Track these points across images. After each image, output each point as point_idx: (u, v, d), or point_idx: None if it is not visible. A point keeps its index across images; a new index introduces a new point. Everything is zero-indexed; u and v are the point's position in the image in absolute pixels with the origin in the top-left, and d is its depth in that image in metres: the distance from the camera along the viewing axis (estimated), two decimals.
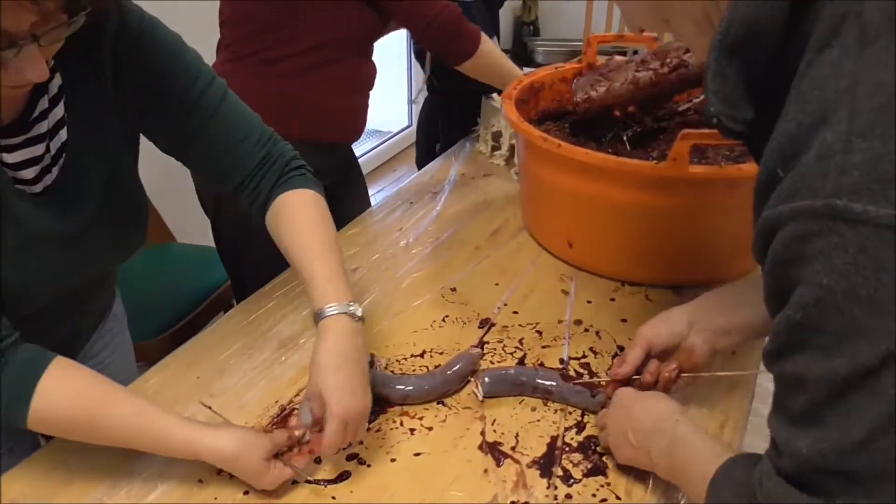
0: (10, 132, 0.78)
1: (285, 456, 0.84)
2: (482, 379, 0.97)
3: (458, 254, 1.34)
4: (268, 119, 1.40)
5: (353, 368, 0.84)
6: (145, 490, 0.83)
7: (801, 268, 0.49)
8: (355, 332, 0.86)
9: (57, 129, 0.83)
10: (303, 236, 0.93)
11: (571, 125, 1.40)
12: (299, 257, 0.92)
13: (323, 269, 0.89)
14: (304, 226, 0.94)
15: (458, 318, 1.16)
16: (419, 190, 1.59)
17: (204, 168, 0.98)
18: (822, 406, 0.50)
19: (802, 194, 0.49)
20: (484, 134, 1.75)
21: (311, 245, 0.92)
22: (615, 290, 1.24)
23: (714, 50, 0.58)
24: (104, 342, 1.11)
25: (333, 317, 0.85)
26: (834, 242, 0.47)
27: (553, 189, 1.26)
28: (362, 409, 0.84)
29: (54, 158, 0.83)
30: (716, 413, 0.97)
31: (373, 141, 3.89)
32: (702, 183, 1.09)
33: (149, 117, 0.91)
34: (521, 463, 0.89)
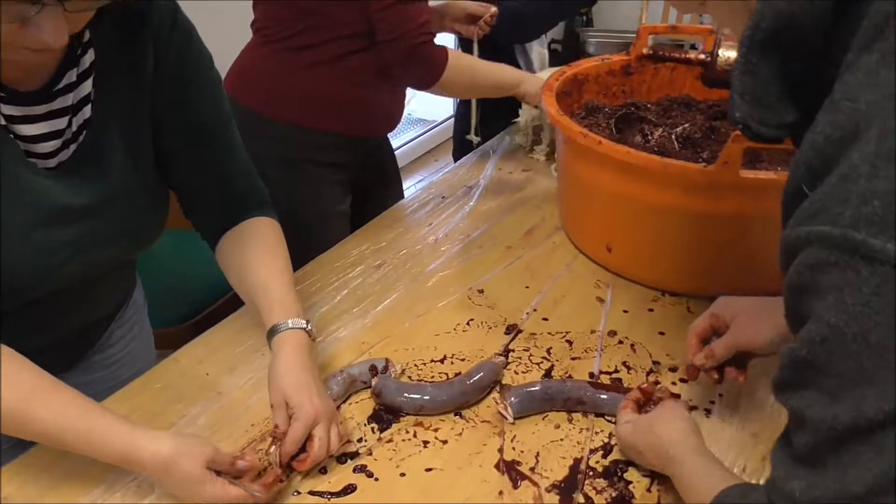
0: (32, 101, 0.76)
1: (245, 478, 0.78)
2: (510, 399, 0.90)
3: (488, 253, 1.28)
4: (294, 110, 1.37)
5: (312, 376, 0.84)
6: (141, 493, 0.80)
7: (813, 299, 0.47)
8: (310, 346, 0.88)
9: (81, 105, 0.81)
10: (257, 259, 0.93)
11: (618, 121, 1.31)
12: (253, 277, 0.92)
13: (277, 289, 0.91)
14: (259, 249, 0.95)
15: (484, 322, 1.09)
16: (453, 184, 1.52)
17: (186, 183, 0.96)
18: (821, 450, 0.48)
19: (822, 218, 0.45)
20: (524, 127, 1.68)
21: (265, 266, 0.93)
22: (654, 299, 1.15)
23: (743, 46, 0.52)
24: (123, 331, 1.09)
25: (290, 332, 0.87)
26: (848, 279, 0.44)
27: (593, 189, 1.18)
28: (329, 409, 0.82)
29: (75, 135, 0.81)
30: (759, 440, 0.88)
31: (415, 130, 3.84)
32: (754, 189, 1.00)
33: (168, 116, 0.89)
34: (540, 486, 0.82)
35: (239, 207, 0.98)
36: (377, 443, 0.87)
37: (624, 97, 1.45)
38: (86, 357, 1.04)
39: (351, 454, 0.86)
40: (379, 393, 0.92)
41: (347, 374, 0.94)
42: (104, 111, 0.82)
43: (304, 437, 0.79)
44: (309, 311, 1.10)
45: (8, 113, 0.75)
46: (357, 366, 0.96)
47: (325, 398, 0.82)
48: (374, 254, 1.26)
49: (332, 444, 0.81)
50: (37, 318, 0.89)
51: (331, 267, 1.22)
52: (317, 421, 0.80)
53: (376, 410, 0.92)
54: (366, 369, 0.95)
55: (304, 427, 0.79)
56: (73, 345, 1.01)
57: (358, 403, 0.93)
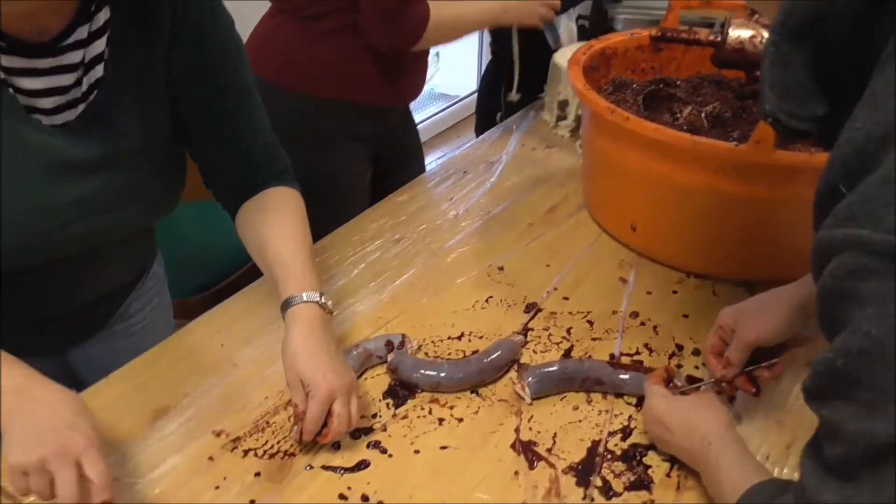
0: (36, 53, 0.74)
1: None
2: (527, 380, 0.89)
3: (509, 230, 1.25)
4: (310, 79, 1.35)
5: (326, 351, 0.81)
6: (154, 462, 0.79)
7: (850, 307, 0.44)
8: (325, 321, 0.85)
9: (94, 63, 0.79)
10: (274, 230, 0.91)
11: (646, 97, 1.27)
12: (270, 248, 0.89)
13: (293, 261, 0.88)
14: (278, 219, 0.92)
15: (503, 300, 1.07)
16: (475, 159, 1.49)
17: (206, 153, 0.94)
18: (856, 465, 0.46)
19: (861, 221, 0.43)
20: (549, 102, 1.64)
21: (282, 238, 0.90)
22: (679, 281, 1.13)
23: (774, 34, 0.49)
24: (142, 302, 1.08)
25: (303, 305, 0.84)
26: (890, 288, 0.41)
27: (619, 166, 1.15)
28: (345, 384, 0.80)
29: (84, 94, 0.79)
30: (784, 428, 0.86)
31: (438, 104, 3.80)
32: (786, 171, 0.97)
33: (186, 84, 0.87)
34: (557, 468, 0.81)
35: (259, 177, 0.95)
36: (392, 419, 0.86)
37: (653, 73, 1.41)
38: (106, 326, 1.04)
39: (365, 429, 0.84)
40: (395, 369, 0.90)
41: (363, 348, 0.92)
42: (117, 72, 0.80)
43: (323, 414, 0.78)
44: (326, 284, 1.09)
45: (8, 65, 0.72)
46: (373, 340, 0.94)
47: (340, 372, 0.80)
48: (393, 228, 1.25)
49: (353, 417, 0.80)
50: (51, 285, 0.89)
51: (349, 240, 1.21)
52: (333, 397, 0.78)
53: (392, 386, 0.91)
54: (382, 344, 0.93)
55: (321, 405, 0.77)
56: (90, 313, 1.00)
57: (373, 379, 0.92)
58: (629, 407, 0.89)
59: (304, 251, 0.90)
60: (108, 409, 0.85)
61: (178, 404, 0.86)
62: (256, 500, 0.75)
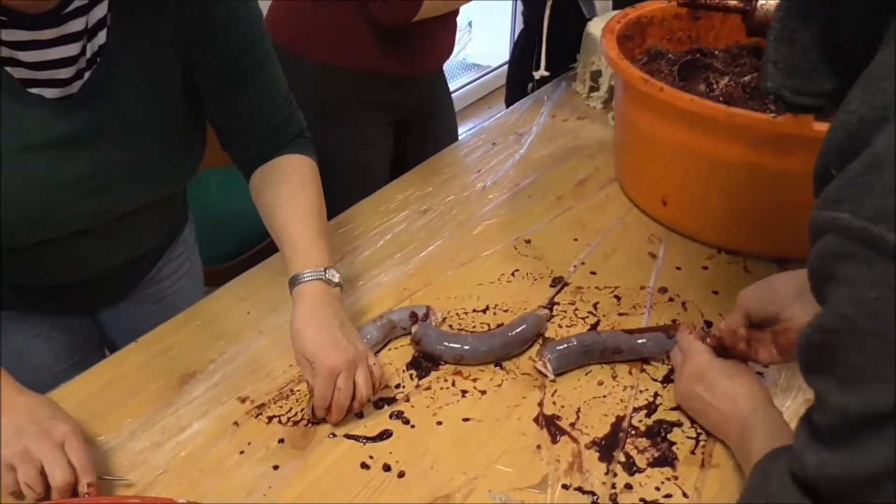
0: (39, 25, 0.72)
1: None
2: (547, 357, 0.88)
3: (537, 202, 1.24)
4: (322, 47, 1.32)
5: (328, 327, 0.80)
6: (181, 426, 0.80)
7: (829, 287, 0.46)
8: (332, 297, 0.84)
9: (96, 30, 0.76)
10: (282, 199, 0.89)
11: (681, 67, 1.24)
12: (277, 219, 0.88)
13: (299, 234, 0.86)
14: (285, 188, 0.90)
15: (529, 273, 1.06)
16: (504, 130, 1.47)
17: (221, 118, 0.93)
18: (835, 433, 0.48)
19: (845, 205, 0.44)
20: (582, 73, 1.61)
21: (288, 210, 0.88)
22: (709, 257, 1.10)
23: (781, 10, 0.49)
24: (172, 267, 1.10)
25: (309, 283, 0.83)
26: (865, 273, 0.43)
27: (651, 138, 1.13)
28: (349, 358, 0.79)
29: (89, 62, 0.77)
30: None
31: (469, 75, 3.75)
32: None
33: (196, 51, 0.85)
34: (580, 442, 0.80)
35: (273, 142, 0.94)
36: (415, 390, 0.86)
37: (689, 43, 1.37)
38: (136, 290, 1.06)
39: (388, 399, 0.85)
40: (419, 340, 0.90)
41: (387, 319, 0.92)
42: (120, 38, 0.78)
43: (329, 390, 0.78)
44: (350, 255, 1.09)
45: (11, 38, 0.70)
46: (397, 312, 0.94)
47: (342, 347, 0.79)
48: (419, 199, 1.24)
49: (360, 390, 0.79)
50: (76, 253, 0.89)
51: (375, 211, 1.20)
52: (336, 372, 0.77)
53: (415, 357, 0.91)
54: (406, 316, 0.93)
55: (326, 382, 0.77)
56: (119, 277, 1.02)
57: (397, 350, 0.92)
58: (655, 383, 0.88)
59: (312, 222, 0.88)
60: (136, 373, 0.87)
61: (204, 370, 0.87)
62: (280, 466, 0.76)
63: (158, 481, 0.74)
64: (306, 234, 0.86)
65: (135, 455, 0.77)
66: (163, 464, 0.76)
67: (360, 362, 0.80)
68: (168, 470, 0.75)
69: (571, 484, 0.76)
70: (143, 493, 0.73)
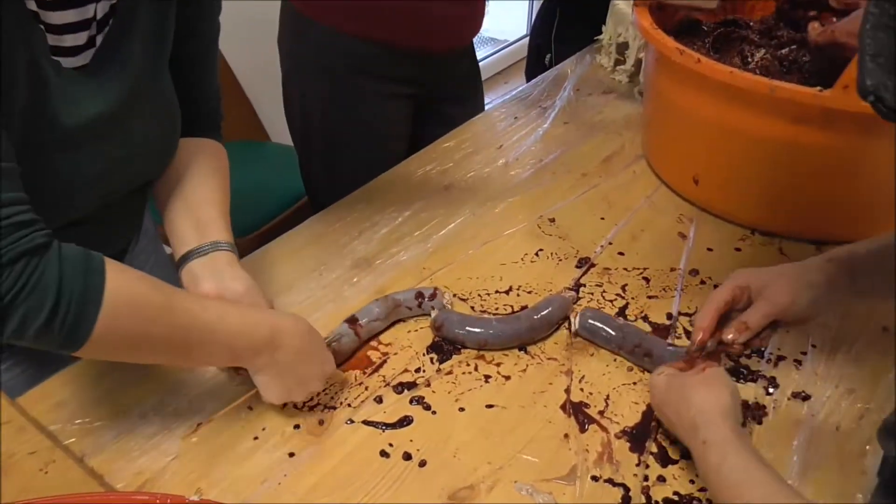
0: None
1: None
2: (587, 314, 0.86)
3: (561, 180, 1.19)
4: (335, 12, 1.25)
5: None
6: (193, 409, 0.77)
7: None
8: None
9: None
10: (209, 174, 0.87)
11: (715, 40, 1.18)
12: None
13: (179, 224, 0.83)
14: (217, 167, 0.88)
15: (554, 253, 1.02)
16: (527, 104, 1.42)
17: (177, 84, 0.86)
18: None
19: None
20: (608, 45, 1.54)
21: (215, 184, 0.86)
22: (743, 238, 1.06)
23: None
24: (139, 262, 0.99)
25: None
26: None
27: (684, 113, 1.07)
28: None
29: (99, 25, 0.70)
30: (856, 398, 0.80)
31: (485, 49, 3.67)
32: (874, 120, 0.87)
33: (189, 7, 0.80)
34: (610, 432, 0.77)
35: (201, 124, 0.89)
36: (436, 374, 0.83)
37: (724, 14, 1.31)
38: None
39: (408, 384, 0.81)
40: (439, 327, 0.86)
41: (392, 298, 0.88)
42: (126, 7, 0.71)
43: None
44: (369, 232, 1.05)
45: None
46: (403, 292, 0.90)
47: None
48: (440, 175, 1.19)
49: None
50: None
51: (393, 187, 1.16)
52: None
53: (436, 341, 0.87)
54: (412, 296, 0.89)
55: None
56: None
57: (416, 332, 0.88)
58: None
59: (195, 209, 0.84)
60: None
61: None
62: (296, 453, 0.73)
63: (169, 467, 0.71)
64: (182, 225, 0.83)
65: (145, 439, 0.73)
66: (174, 449, 0.73)
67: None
68: (179, 455, 0.72)
69: (601, 475, 0.72)
70: (154, 479, 0.70)
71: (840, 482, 0.71)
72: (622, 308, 0.93)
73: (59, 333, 0.60)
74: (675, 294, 0.95)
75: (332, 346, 0.81)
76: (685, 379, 0.72)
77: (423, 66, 1.32)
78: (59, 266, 0.60)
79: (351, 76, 1.28)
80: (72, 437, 0.73)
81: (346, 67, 1.27)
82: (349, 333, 0.84)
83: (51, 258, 0.60)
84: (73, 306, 0.60)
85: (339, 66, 1.27)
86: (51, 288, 0.59)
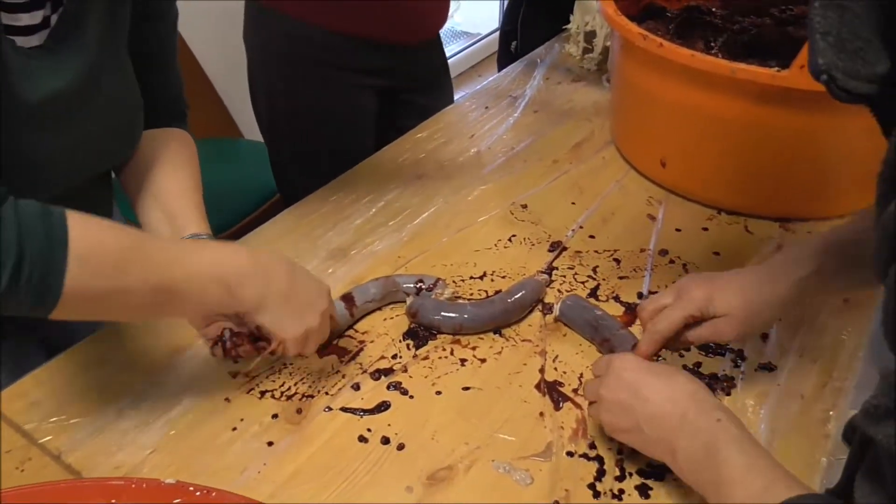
0: None
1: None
2: (564, 302, 0.87)
3: (533, 167, 1.20)
4: (316, 12, 1.25)
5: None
6: (170, 403, 0.77)
7: None
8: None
9: None
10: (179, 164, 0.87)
11: (678, 25, 1.20)
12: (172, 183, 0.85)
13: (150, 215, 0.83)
14: (186, 156, 0.88)
15: (527, 238, 1.04)
16: (497, 94, 1.43)
17: (139, 73, 0.85)
18: None
19: None
20: (576, 33, 1.56)
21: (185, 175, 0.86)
22: (710, 218, 1.08)
23: None
24: None
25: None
26: None
27: (649, 97, 1.09)
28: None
29: (54, 5, 0.69)
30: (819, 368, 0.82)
31: (459, 43, 3.68)
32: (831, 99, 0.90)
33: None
34: (584, 408, 0.78)
35: (168, 111, 0.90)
36: (412, 360, 0.84)
37: (687, 0, 1.33)
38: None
39: (385, 371, 0.82)
40: (415, 313, 0.87)
41: (392, 280, 0.90)
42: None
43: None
44: (343, 223, 1.06)
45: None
46: (405, 276, 0.91)
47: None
48: (413, 165, 1.20)
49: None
50: None
51: (367, 178, 1.16)
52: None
53: (412, 327, 0.88)
54: (413, 282, 0.90)
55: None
56: None
57: (393, 320, 0.89)
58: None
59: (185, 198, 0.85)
60: (122, 350, 0.84)
61: (193, 345, 0.84)
62: (274, 442, 0.74)
63: (148, 461, 0.71)
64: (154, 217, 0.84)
65: (123, 434, 0.74)
66: (152, 443, 0.73)
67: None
68: (158, 449, 0.72)
69: (576, 451, 0.73)
70: (132, 474, 0.70)
71: (805, 446, 0.73)
72: (594, 289, 0.94)
73: (27, 293, 0.56)
74: (645, 274, 0.97)
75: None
76: (630, 378, 0.67)
77: (393, 57, 1.33)
78: (16, 221, 0.56)
79: (320, 68, 1.28)
80: (48, 435, 0.73)
81: (316, 60, 1.27)
82: (343, 314, 0.85)
83: (7, 215, 0.56)
84: (37, 262, 0.56)
85: (309, 58, 1.27)
86: (9, 246, 0.55)
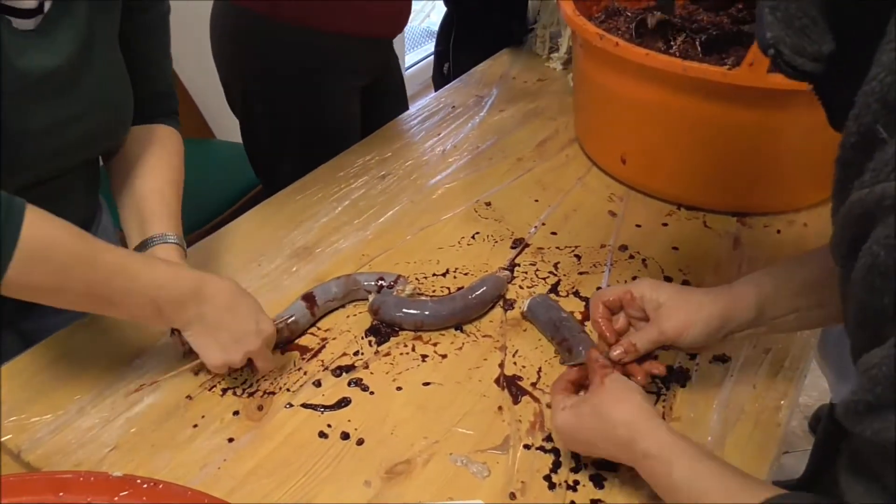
0: None
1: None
2: (533, 299, 0.89)
3: (498, 165, 1.22)
4: (306, 12, 1.26)
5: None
6: (131, 401, 0.78)
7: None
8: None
9: None
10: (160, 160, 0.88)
11: (638, 25, 1.22)
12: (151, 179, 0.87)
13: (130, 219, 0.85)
14: (168, 152, 0.89)
15: (490, 235, 1.05)
16: (464, 93, 1.45)
17: (129, 64, 0.86)
18: None
19: None
20: (541, 34, 1.58)
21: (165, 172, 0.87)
22: (669, 213, 1.10)
23: None
24: None
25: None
26: None
27: (608, 95, 1.11)
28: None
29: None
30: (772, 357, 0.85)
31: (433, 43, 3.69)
32: (781, 95, 0.93)
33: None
34: (541, 402, 0.80)
35: (158, 106, 0.91)
36: (374, 356, 0.85)
37: (647, 0, 1.35)
38: None
39: (346, 367, 0.83)
40: (376, 310, 0.88)
41: (353, 279, 0.91)
42: None
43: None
44: (309, 221, 1.06)
45: None
46: (367, 274, 0.92)
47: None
48: (378, 164, 1.21)
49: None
50: None
51: (333, 177, 1.17)
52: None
53: (374, 324, 0.89)
54: (373, 280, 0.91)
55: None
56: None
57: (356, 317, 0.90)
58: None
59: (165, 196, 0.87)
60: (84, 349, 0.84)
61: (155, 343, 0.85)
62: (235, 438, 0.74)
63: (108, 458, 0.71)
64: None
65: (83, 432, 0.74)
66: (113, 440, 0.73)
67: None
68: (118, 446, 0.73)
69: (533, 443, 0.75)
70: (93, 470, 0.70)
71: (758, 435, 0.76)
72: (554, 285, 0.96)
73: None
74: (605, 269, 0.99)
75: (287, 323, 0.84)
76: (593, 401, 0.66)
77: (371, 53, 1.36)
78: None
79: (315, 72, 1.29)
80: (7, 434, 0.73)
81: (311, 63, 1.28)
82: (304, 313, 0.86)
83: None
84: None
85: (305, 62, 1.28)
86: None
